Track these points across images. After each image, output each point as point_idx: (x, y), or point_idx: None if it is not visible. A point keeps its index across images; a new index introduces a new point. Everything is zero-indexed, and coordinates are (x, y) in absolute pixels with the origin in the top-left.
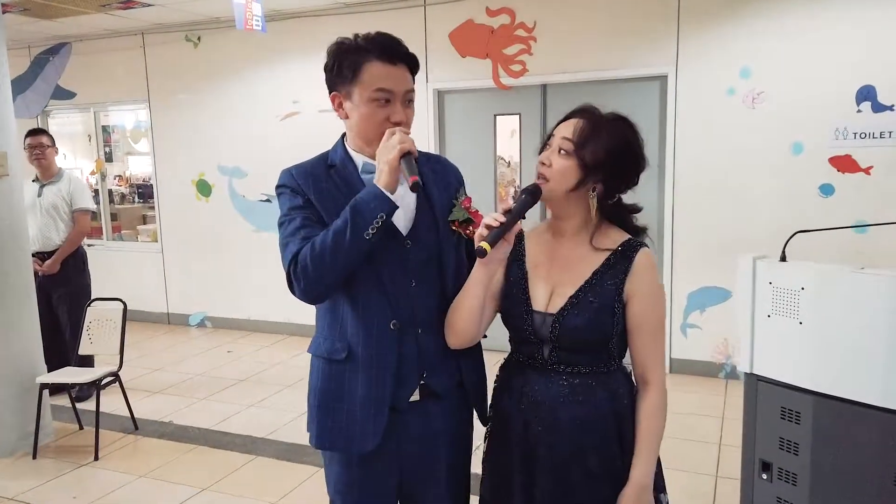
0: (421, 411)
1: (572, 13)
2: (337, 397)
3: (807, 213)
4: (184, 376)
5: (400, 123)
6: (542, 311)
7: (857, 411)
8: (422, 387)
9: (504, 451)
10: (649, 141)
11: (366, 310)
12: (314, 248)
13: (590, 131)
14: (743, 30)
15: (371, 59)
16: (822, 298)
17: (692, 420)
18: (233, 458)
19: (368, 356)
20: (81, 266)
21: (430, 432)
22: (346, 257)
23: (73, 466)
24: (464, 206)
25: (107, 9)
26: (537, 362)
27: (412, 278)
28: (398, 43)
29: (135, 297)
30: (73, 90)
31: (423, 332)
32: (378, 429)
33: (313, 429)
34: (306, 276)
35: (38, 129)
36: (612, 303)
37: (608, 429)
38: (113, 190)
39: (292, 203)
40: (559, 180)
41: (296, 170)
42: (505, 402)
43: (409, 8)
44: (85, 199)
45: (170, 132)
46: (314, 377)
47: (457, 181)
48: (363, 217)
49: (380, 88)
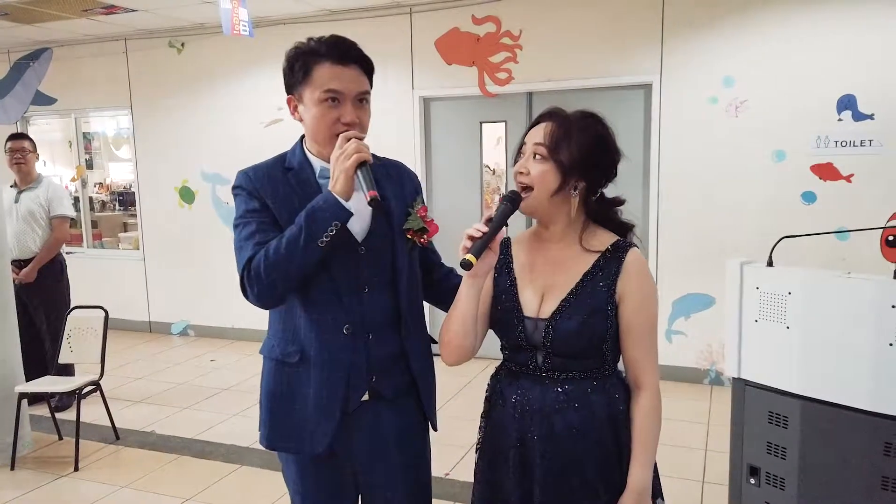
0: (371, 412)
1: (558, 22)
2: (288, 399)
3: (789, 221)
4: (166, 385)
5: (351, 124)
6: (533, 317)
7: (844, 415)
8: (371, 389)
9: (498, 462)
10: (634, 148)
11: (319, 314)
12: (268, 254)
13: (561, 132)
14: (726, 40)
15: (321, 61)
16: (809, 303)
17: (678, 426)
18: (217, 468)
19: (321, 360)
20: (59, 274)
21: (380, 433)
22: (299, 264)
23: (53, 478)
24: (419, 215)
25: (89, 14)
26: (531, 370)
27: (365, 284)
28: (350, 45)
29: (116, 305)
30: (54, 96)
31: (373, 337)
32: (328, 430)
33: (264, 430)
34: (259, 282)
35: (20, 134)
36: (604, 305)
37: (605, 435)
38: (93, 197)
39: (248, 206)
40: (540, 186)
41: (253, 171)
42: (499, 413)
43: (394, 15)
44: (63, 206)
45: (152, 139)
46: (266, 379)
47: (413, 189)
48: (317, 225)
49: (329, 89)
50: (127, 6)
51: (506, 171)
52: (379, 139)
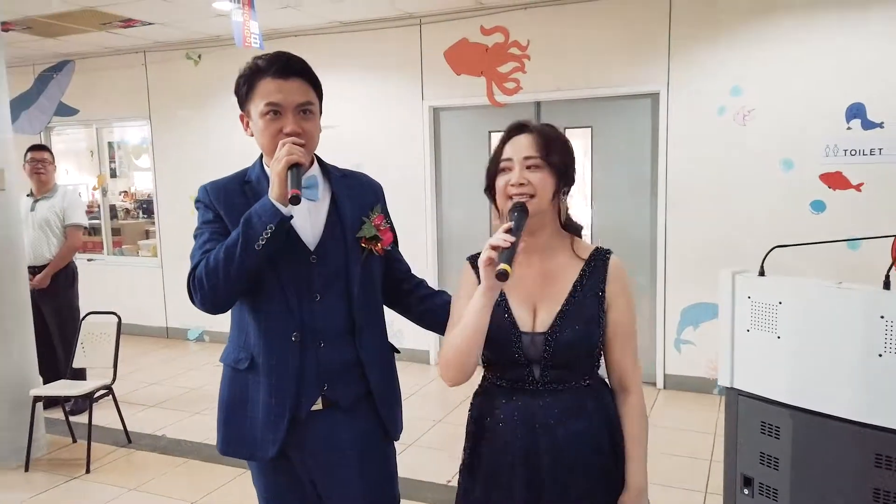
0: (324, 421)
1: (565, 32)
2: (241, 405)
3: (798, 230)
4: (180, 390)
5: (293, 134)
6: (529, 332)
7: (834, 426)
8: (324, 397)
9: (498, 481)
10: (641, 157)
11: (268, 321)
12: (209, 261)
13: (544, 141)
14: (733, 49)
15: (264, 77)
16: (799, 313)
17: (683, 436)
18: (223, 472)
19: (269, 366)
20: (71, 281)
21: (334, 442)
22: (237, 269)
23: (65, 479)
24: (374, 224)
25: (108, 27)
26: (527, 384)
27: (317, 292)
28: (290, 59)
29: (134, 311)
30: (77, 107)
31: (325, 345)
32: (278, 437)
33: (219, 436)
34: (202, 287)
35: (40, 145)
36: (597, 312)
37: (602, 439)
38: (117, 205)
39: (204, 217)
40: (542, 193)
41: (210, 185)
42: (496, 431)
43: (405, 27)
44: (77, 215)
45: (170, 148)
46: (222, 385)
47: (374, 198)
48: (253, 229)
49: (269, 102)
50: (144, 19)
51: None
52: (389, 149)
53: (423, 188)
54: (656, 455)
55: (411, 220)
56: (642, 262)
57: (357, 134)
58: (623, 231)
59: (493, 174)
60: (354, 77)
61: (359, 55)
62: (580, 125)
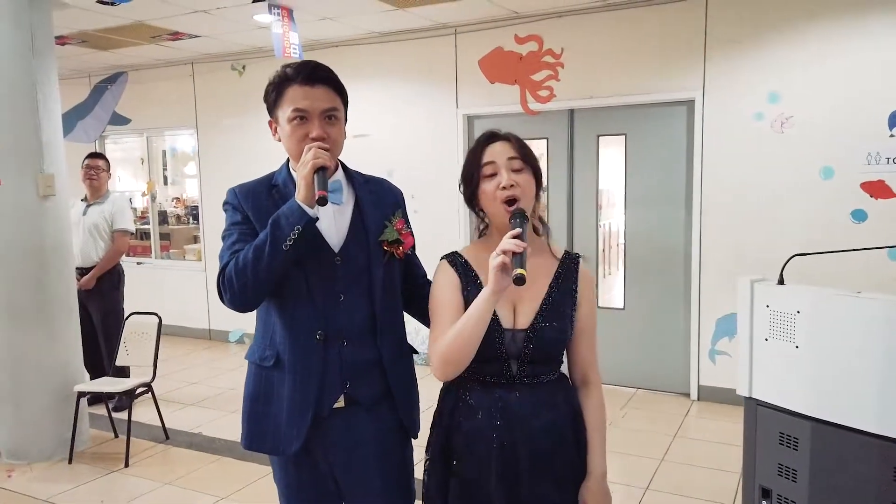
0: (345, 418)
1: (600, 39)
2: (266, 401)
3: (838, 239)
4: (218, 390)
5: (318, 139)
6: (510, 329)
7: (853, 438)
8: (346, 395)
9: (476, 471)
10: (676, 165)
11: (293, 320)
12: (238, 261)
13: (521, 145)
14: (770, 54)
15: (291, 84)
16: (818, 322)
17: (714, 448)
18: (254, 470)
19: (293, 364)
20: (116, 283)
21: (355, 439)
22: (266, 269)
23: (105, 472)
24: (396, 228)
25: (157, 40)
26: (504, 378)
27: (341, 293)
28: (317, 66)
29: (179, 313)
30: (129, 116)
31: (348, 344)
32: (301, 433)
33: (244, 431)
34: (231, 287)
35: (97, 153)
36: (570, 311)
37: (567, 430)
38: (168, 211)
39: (232, 219)
40: (528, 194)
41: (239, 188)
42: (473, 424)
43: (440, 36)
44: (125, 221)
45: (215, 156)
46: (248, 381)
47: (395, 203)
48: (281, 230)
49: (296, 108)
50: (190, 32)
51: (547, 187)
52: (424, 157)
53: (456, 196)
54: (684, 467)
55: (444, 227)
56: (676, 272)
57: (391, 142)
58: (657, 239)
59: (476, 181)
60: (390, 86)
61: (395, 65)
62: (614, 133)
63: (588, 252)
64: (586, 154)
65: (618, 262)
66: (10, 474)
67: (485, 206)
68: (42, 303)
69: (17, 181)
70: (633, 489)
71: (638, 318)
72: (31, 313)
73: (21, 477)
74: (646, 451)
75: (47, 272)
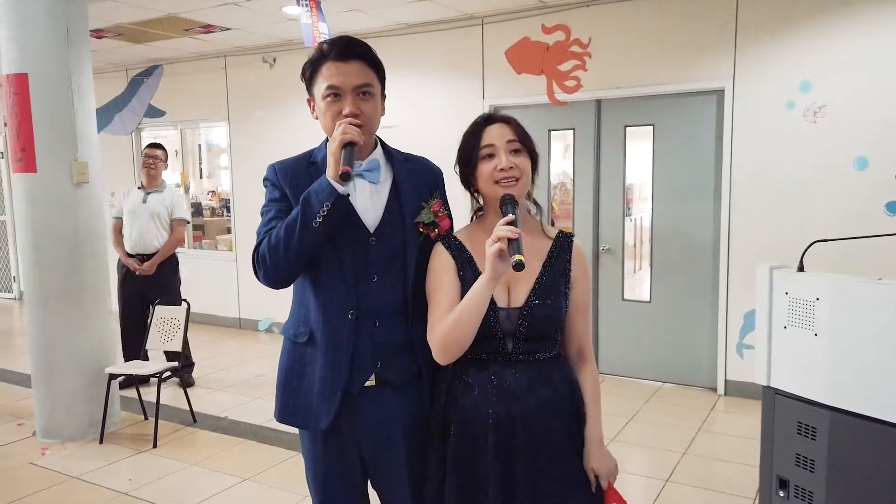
0: (376, 397)
1: (627, 28)
2: (299, 377)
3: (872, 232)
4: (246, 376)
5: (351, 115)
6: (505, 307)
7: (872, 428)
8: (377, 375)
9: (472, 447)
10: (705, 156)
11: (327, 299)
12: (271, 238)
13: (518, 128)
14: (802, 43)
15: (326, 62)
16: (838, 309)
17: (739, 443)
18: (277, 453)
19: (326, 341)
20: (175, 269)
21: (384, 418)
22: (297, 246)
23: (133, 453)
24: (433, 210)
25: (190, 33)
26: (500, 356)
27: (374, 273)
28: (350, 41)
29: (210, 302)
30: (163, 109)
31: (380, 324)
32: (331, 409)
33: (277, 405)
34: (264, 263)
35: (156, 144)
36: (564, 289)
37: (566, 406)
38: (203, 204)
39: (271, 195)
40: (526, 175)
41: (278, 165)
42: (469, 400)
43: (467, 27)
44: (183, 211)
45: (246, 148)
46: (282, 357)
47: (434, 183)
48: (311, 207)
49: (329, 85)
50: (222, 25)
51: (573, 177)
52: (450, 148)
53: None
54: (707, 460)
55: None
56: (704, 265)
57: (418, 133)
58: (685, 232)
59: (473, 163)
60: (417, 77)
61: (421, 56)
62: (642, 123)
63: (614, 245)
64: (613, 145)
65: (649, 258)
66: (44, 452)
67: (481, 187)
68: (75, 287)
69: (52, 169)
70: (652, 481)
71: (664, 312)
72: (65, 297)
73: (54, 455)
74: (668, 445)
75: (80, 257)
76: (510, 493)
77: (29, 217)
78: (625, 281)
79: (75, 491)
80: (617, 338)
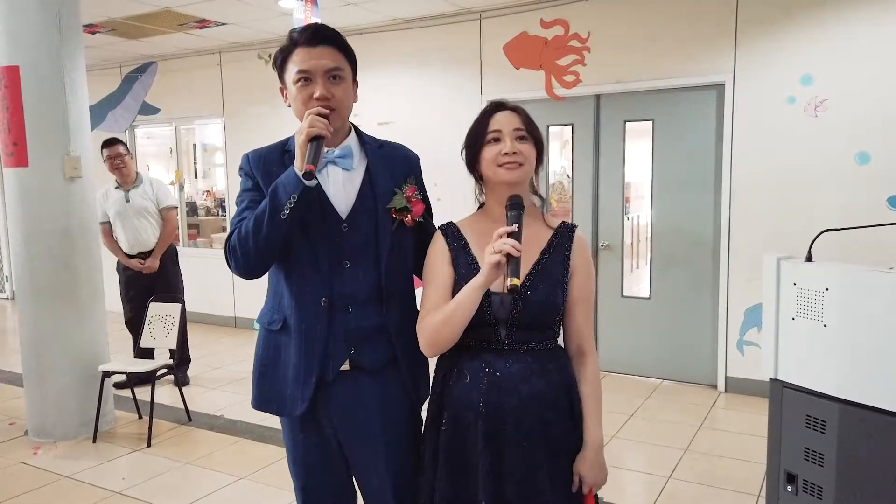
0: (350, 382)
1: (627, 22)
2: (274, 364)
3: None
4: (241, 375)
5: (322, 98)
6: (498, 293)
7: (883, 420)
8: (351, 360)
9: (463, 437)
10: (705, 151)
11: (299, 286)
12: (240, 229)
13: (526, 117)
14: (803, 36)
15: (296, 48)
16: (847, 300)
17: (740, 439)
18: (272, 452)
19: (299, 328)
20: (175, 259)
21: (359, 403)
22: (266, 237)
23: (127, 451)
24: (406, 195)
25: (185, 28)
26: (493, 344)
27: (346, 260)
28: (319, 27)
29: (205, 300)
30: (158, 106)
31: (353, 310)
32: (306, 395)
33: (254, 392)
34: (235, 254)
35: (113, 139)
36: (562, 278)
37: (562, 400)
38: (199, 203)
39: (244, 185)
40: (530, 162)
41: (252, 154)
42: (461, 387)
43: (464, 22)
44: (169, 197)
45: (241, 145)
46: (257, 344)
47: (409, 169)
48: (279, 199)
49: (300, 70)
50: (217, 20)
51: (572, 172)
52: (447, 143)
53: None
54: (708, 457)
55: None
56: (704, 261)
57: (415, 129)
58: (685, 227)
59: (479, 147)
60: (414, 73)
61: (418, 51)
62: (641, 118)
63: (613, 241)
64: (612, 140)
65: (647, 256)
66: (36, 451)
67: (484, 170)
68: (68, 283)
69: (45, 163)
70: (654, 478)
71: (664, 308)
72: (57, 293)
73: (46, 454)
74: (670, 442)
75: (73, 253)
76: (500, 482)
77: (21, 212)
78: (624, 277)
79: (67, 490)
80: (616, 335)
